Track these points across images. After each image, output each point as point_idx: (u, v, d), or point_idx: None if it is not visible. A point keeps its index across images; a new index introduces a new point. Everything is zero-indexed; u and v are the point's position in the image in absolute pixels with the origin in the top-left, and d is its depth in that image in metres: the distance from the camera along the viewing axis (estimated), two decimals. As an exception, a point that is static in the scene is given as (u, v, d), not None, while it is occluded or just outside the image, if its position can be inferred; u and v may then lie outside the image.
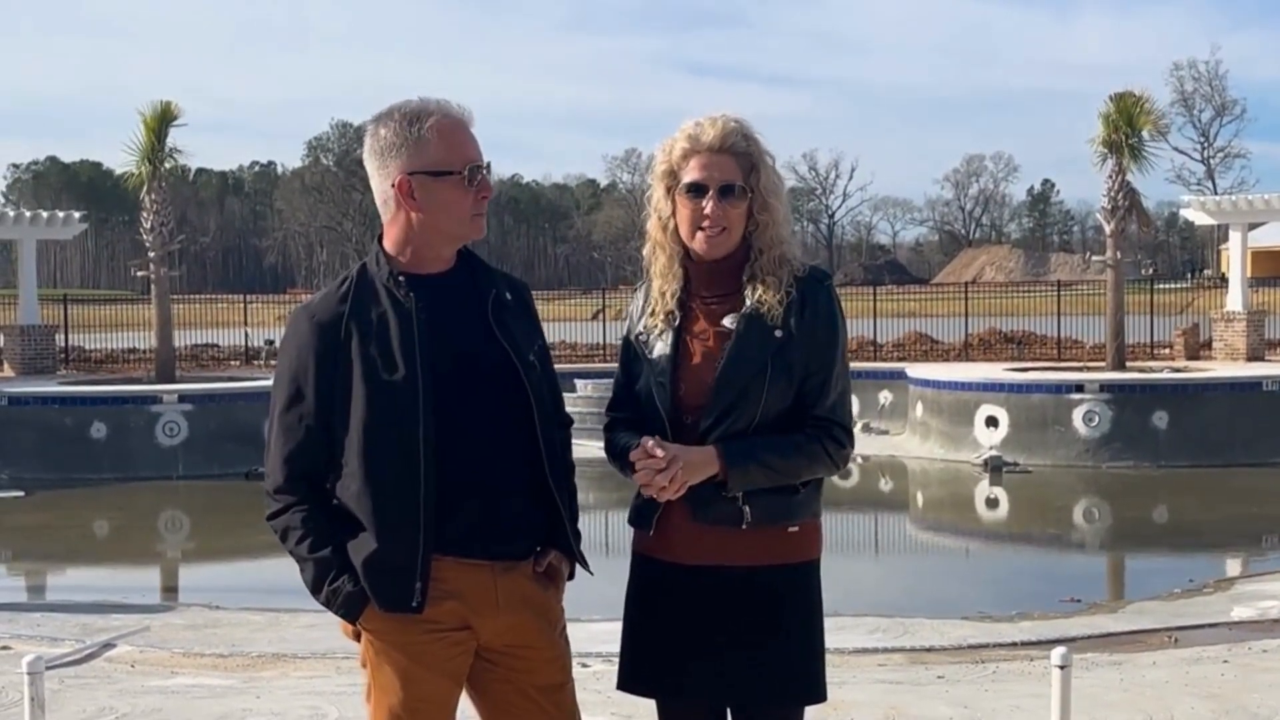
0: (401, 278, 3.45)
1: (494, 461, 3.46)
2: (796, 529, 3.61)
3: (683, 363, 3.63)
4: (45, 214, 29.12)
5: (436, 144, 3.42)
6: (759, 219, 3.64)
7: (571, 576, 3.67)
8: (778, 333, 3.56)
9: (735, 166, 3.62)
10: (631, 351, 3.74)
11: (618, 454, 3.66)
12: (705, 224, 3.61)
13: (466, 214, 3.47)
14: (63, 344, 29.60)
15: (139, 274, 25.80)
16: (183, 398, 21.73)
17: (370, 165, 3.51)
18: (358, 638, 3.54)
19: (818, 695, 3.67)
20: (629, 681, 3.73)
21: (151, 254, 24.57)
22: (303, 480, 3.48)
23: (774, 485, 3.56)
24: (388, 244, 3.51)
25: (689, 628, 3.60)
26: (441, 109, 3.47)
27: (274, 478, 3.50)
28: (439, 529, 3.38)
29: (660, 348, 3.66)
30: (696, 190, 3.61)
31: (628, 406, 3.73)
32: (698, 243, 3.64)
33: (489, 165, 3.51)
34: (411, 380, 3.37)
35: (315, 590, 3.47)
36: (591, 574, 3.67)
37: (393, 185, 3.44)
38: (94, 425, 21.18)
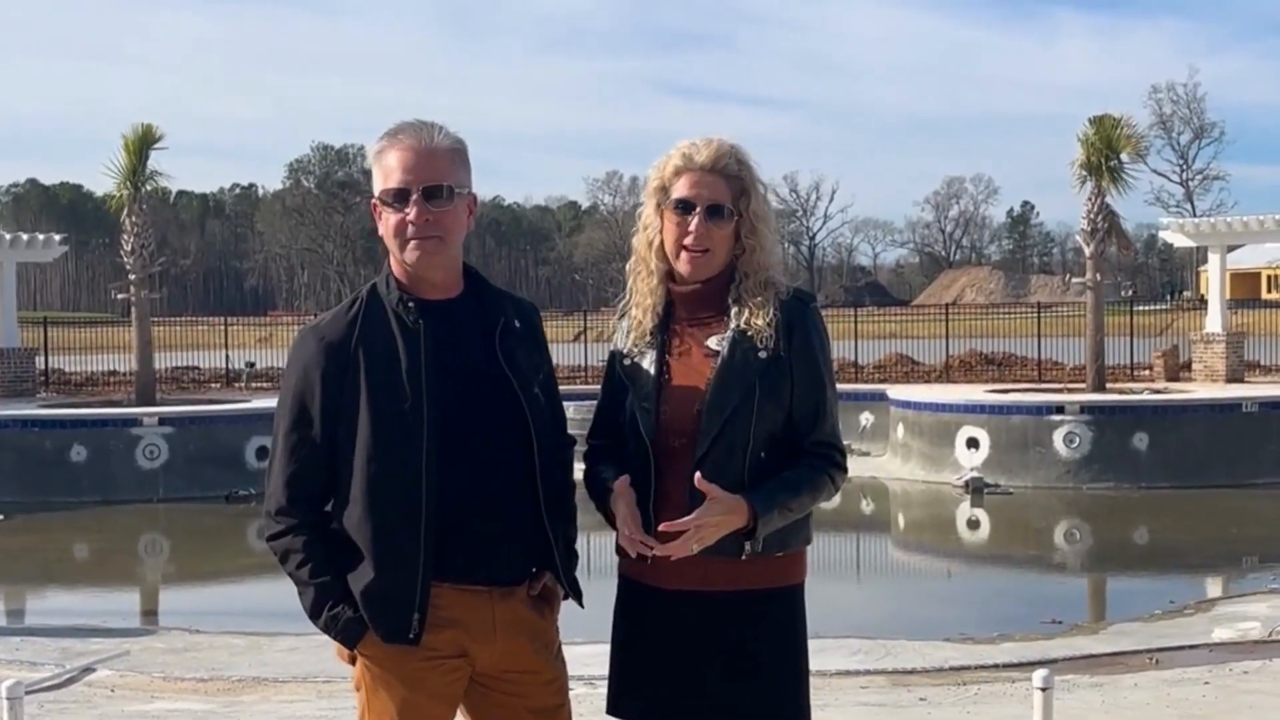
0: (411, 302, 3.45)
1: (493, 489, 3.45)
2: (782, 554, 3.62)
3: (666, 386, 3.61)
4: (25, 236, 29.07)
5: (378, 169, 3.47)
6: (746, 243, 3.64)
7: (566, 598, 3.66)
8: (763, 354, 3.55)
9: (725, 188, 3.61)
10: (615, 374, 3.72)
11: (599, 493, 3.62)
12: (689, 242, 3.61)
13: (396, 239, 3.45)
14: (42, 366, 29.50)
15: (119, 296, 25.69)
16: (163, 420, 21.66)
17: None
18: (352, 661, 3.53)
19: (802, 719, 3.67)
20: (617, 705, 3.72)
21: (132, 276, 24.49)
22: (305, 503, 3.47)
23: (789, 521, 3.57)
24: (392, 266, 3.53)
25: (677, 652, 3.59)
26: (393, 131, 3.47)
27: (276, 499, 3.48)
28: (438, 557, 3.37)
29: (644, 370, 3.64)
30: (684, 207, 3.61)
31: (610, 432, 3.71)
32: (681, 262, 3.64)
33: (431, 190, 3.42)
34: (416, 408, 3.36)
35: (314, 615, 3.45)
36: (582, 607, 3.65)
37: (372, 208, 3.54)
38: (74, 448, 21.10)
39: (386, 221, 3.45)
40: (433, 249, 3.44)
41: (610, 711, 3.75)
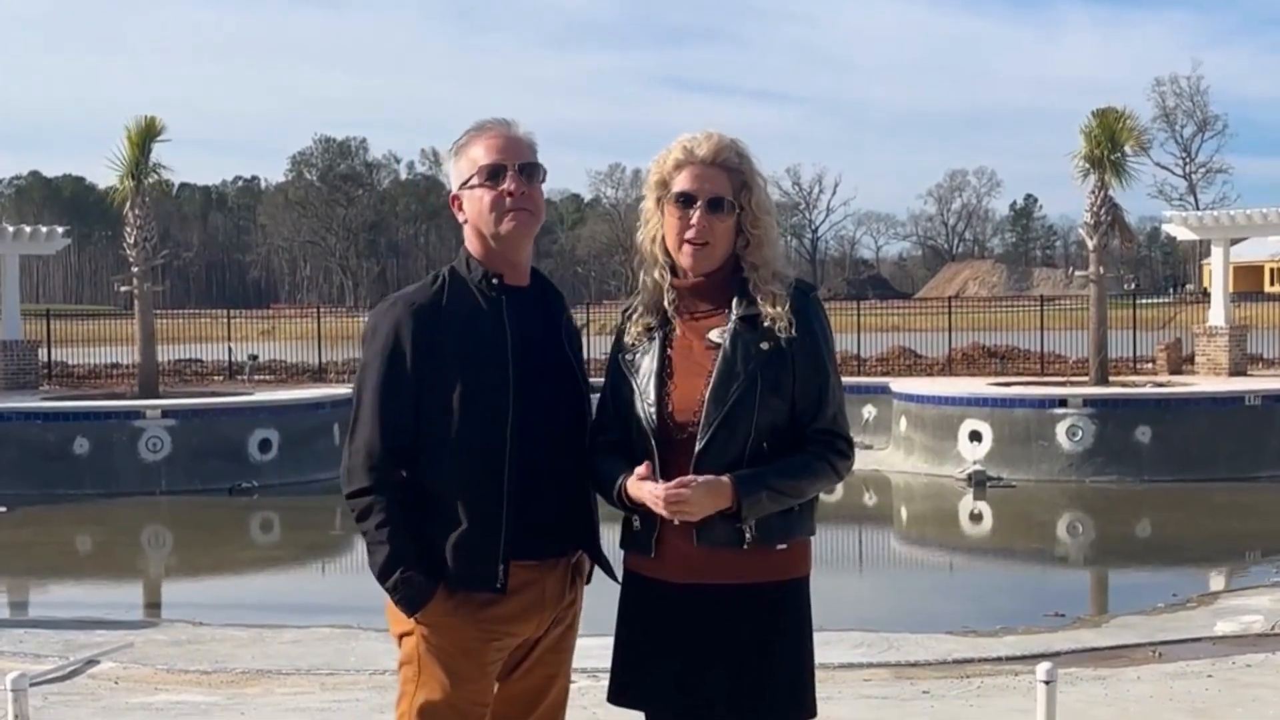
0: (494, 279, 3.63)
1: (554, 465, 3.62)
2: (785, 547, 3.62)
3: (669, 378, 3.63)
4: (28, 229, 29.03)
5: (464, 159, 3.67)
6: (751, 235, 3.66)
7: (588, 580, 3.83)
8: (764, 345, 3.57)
9: (726, 181, 3.64)
10: (618, 368, 3.74)
11: (605, 484, 3.65)
12: (690, 235, 3.62)
13: (492, 213, 3.62)
14: (45, 359, 29.51)
15: (122, 289, 25.72)
16: (166, 413, 21.65)
17: None
18: (401, 637, 3.64)
19: (807, 712, 3.67)
20: (619, 695, 3.74)
21: (135, 269, 24.51)
22: (391, 460, 3.57)
23: (785, 507, 3.58)
24: (471, 253, 3.71)
25: (681, 644, 3.61)
26: (475, 126, 3.71)
27: (364, 454, 3.57)
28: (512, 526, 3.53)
29: (646, 363, 3.66)
30: (685, 200, 3.63)
31: (613, 426, 3.71)
32: (683, 256, 3.66)
33: (523, 165, 3.64)
34: (503, 370, 3.53)
35: (383, 576, 3.54)
36: (617, 580, 3.76)
37: (451, 203, 3.76)
38: (77, 441, 21.10)
39: (479, 201, 3.63)
40: (526, 222, 3.65)
41: (612, 700, 3.77)
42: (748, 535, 3.54)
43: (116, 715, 7.85)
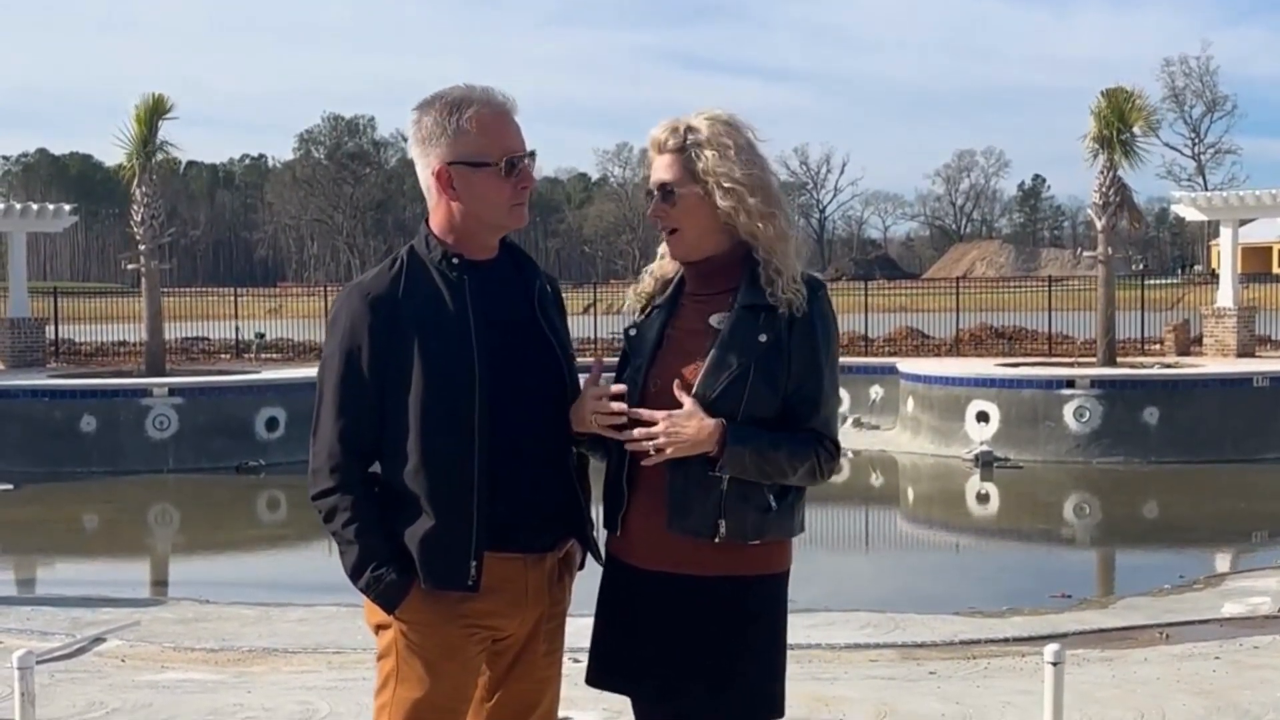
0: (455, 259, 3.47)
1: (535, 449, 3.49)
2: (759, 544, 3.53)
3: (660, 360, 3.58)
4: (35, 206, 29.05)
5: (475, 135, 3.44)
6: (725, 208, 3.53)
7: (582, 567, 3.70)
8: (763, 337, 3.49)
9: (678, 164, 3.58)
10: (626, 343, 3.72)
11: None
12: (658, 225, 3.63)
13: (504, 204, 3.48)
14: (52, 337, 29.55)
15: (129, 267, 25.72)
16: (173, 391, 21.68)
17: (414, 153, 3.54)
18: (377, 629, 3.52)
19: (773, 712, 3.60)
20: (595, 678, 3.71)
21: (142, 247, 24.53)
22: (356, 458, 3.44)
23: (761, 479, 3.46)
24: (434, 229, 3.54)
25: (649, 633, 3.56)
26: (483, 98, 3.48)
27: (325, 454, 3.44)
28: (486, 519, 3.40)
29: (645, 343, 3.63)
30: (650, 192, 3.64)
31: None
32: (666, 244, 3.68)
33: (532, 154, 3.51)
34: (467, 357, 3.39)
35: (355, 575, 3.42)
36: (603, 564, 3.70)
37: (433, 174, 3.48)
38: (84, 418, 21.13)
39: (496, 191, 3.47)
40: (526, 214, 3.55)
41: (590, 683, 3.74)
42: (721, 529, 3.45)
43: (123, 693, 7.86)
